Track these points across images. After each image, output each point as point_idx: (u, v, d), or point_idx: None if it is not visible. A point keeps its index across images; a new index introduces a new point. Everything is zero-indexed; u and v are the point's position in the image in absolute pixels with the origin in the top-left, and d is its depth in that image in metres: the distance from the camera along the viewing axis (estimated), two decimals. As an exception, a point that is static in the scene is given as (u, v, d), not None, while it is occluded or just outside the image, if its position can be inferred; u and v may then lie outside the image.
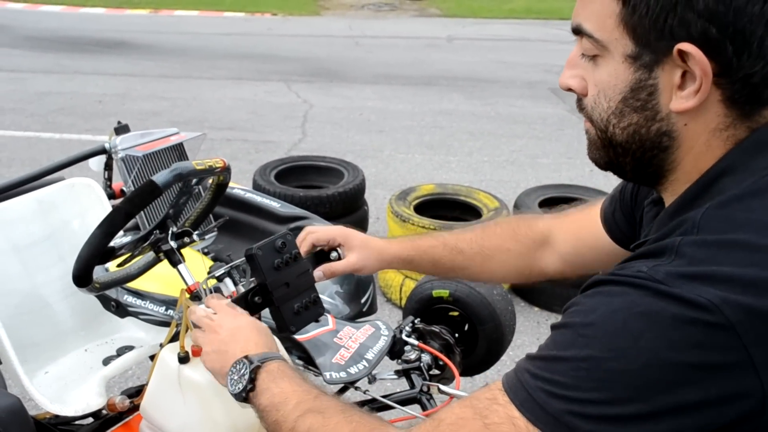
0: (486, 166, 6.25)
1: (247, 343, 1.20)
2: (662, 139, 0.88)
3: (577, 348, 0.80)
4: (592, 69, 0.91)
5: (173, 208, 1.56)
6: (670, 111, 0.85)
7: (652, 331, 0.75)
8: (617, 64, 0.87)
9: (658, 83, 0.85)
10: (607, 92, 0.90)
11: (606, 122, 0.91)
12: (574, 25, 0.92)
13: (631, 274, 0.80)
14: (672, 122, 0.86)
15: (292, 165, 4.53)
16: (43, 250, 2.08)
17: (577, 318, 0.82)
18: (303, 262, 1.40)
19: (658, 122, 0.87)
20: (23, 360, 1.87)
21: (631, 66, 0.86)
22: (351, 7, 16.23)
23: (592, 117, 0.94)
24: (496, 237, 1.50)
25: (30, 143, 6.47)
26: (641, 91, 0.86)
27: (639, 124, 0.88)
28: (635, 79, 0.86)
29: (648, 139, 0.89)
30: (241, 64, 10.00)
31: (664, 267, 0.79)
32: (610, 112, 0.90)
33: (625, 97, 0.88)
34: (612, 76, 0.88)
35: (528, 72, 9.87)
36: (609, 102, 0.89)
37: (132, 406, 1.83)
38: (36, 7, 14.72)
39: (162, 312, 2.02)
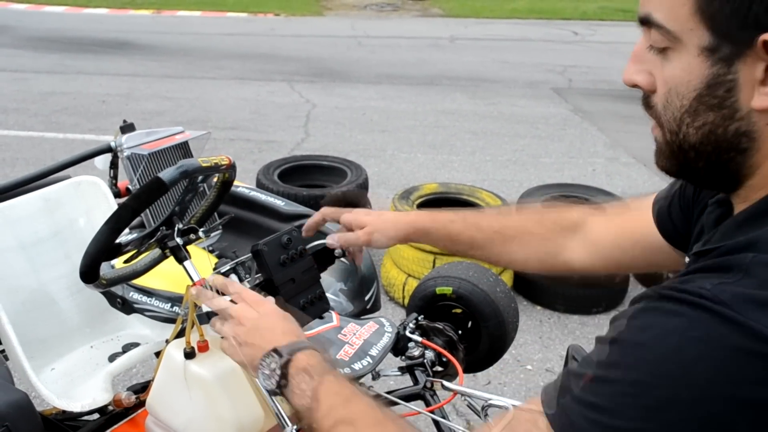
0: (489, 166, 6.26)
1: (273, 334, 1.15)
2: (741, 140, 0.79)
3: (624, 370, 0.73)
4: (661, 63, 0.82)
5: (179, 205, 1.57)
6: (751, 109, 0.77)
7: (709, 360, 0.68)
8: (691, 58, 0.78)
9: (738, 78, 0.76)
10: (679, 89, 0.81)
11: (679, 122, 0.82)
12: (642, 14, 0.82)
13: (692, 291, 0.72)
14: (752, 121, 0.78)
15: (296, 164, 4.54)
16: (49, 248, 2.09)
17: (628, 335, 0.75)
18: (308, 259, 1.41)
19: (737, 121, 0.78)
20: (30, 356, 1.88)
21: (707, 59, 0.77)
22: (354, 7, 16.24)
23: (662, 117, 0.84)
24: (520, 218, 1.43)
25: (34, 143, 6.49)
26: (719, 87, 0.77)
27: (715, 124, 0.79)
28: (712, 73, 0.77)
29: (725, 140, 0.80)
30: (244, 64, 10.02)
31: (730, 287, 0.71)
32: (684, 110, 0.81)
33: (700, 94, 0.79)
34: (685, 71, 0.79)
35: (530, 72, 9.88)
36: (682, 100, 0.81)
37: (138, 401, 1.84)
38: (39, 7, 14.76)
39: (168, 309, 2.03)
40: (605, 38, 12.92)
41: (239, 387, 1.54)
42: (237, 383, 1.54)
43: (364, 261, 2.29)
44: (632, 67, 0.87)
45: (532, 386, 3.35)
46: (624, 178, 5.96)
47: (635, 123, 7.28)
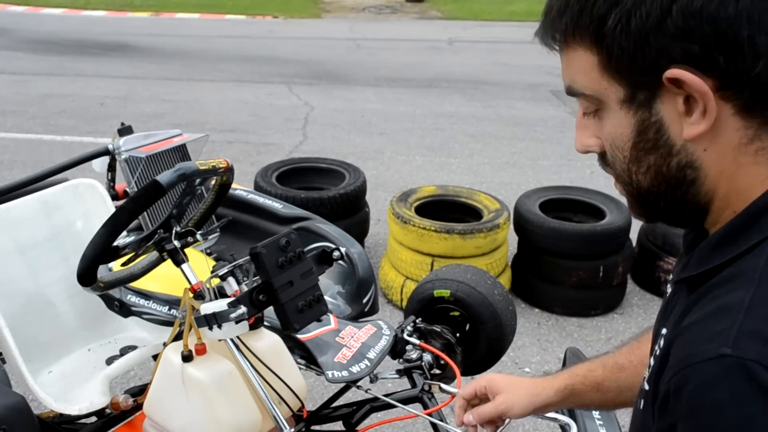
0: (487, 168, 6.26)
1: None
2: (685, 172, 0.82)
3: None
4: (598, 125, 0.88)
5: (177, 208, 1.57)
6: (684, 141, 0.80)
7: None
8: (616, 112, 0.83)
9: (662, 117, 0.80)
10: (617, 143, 0.85)
11: (628, 172, 0.86)
12: (566, 86, 0.89)
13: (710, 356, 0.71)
14: (690, 152, 0.80)
15: (294, 167, 4.54)
16: (47, 251, 2.09)
17: None
18: (306, 261, 1.42)
19: (675, 156, 0.81)
20: (28, 359, 1.88)
21: (629, 109, 0.82)
22: (352, 10, 16.25)
23: (616, 173, 0.89)
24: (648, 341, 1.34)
25: (32, 145, 6.48)
26: (648, 131, 0.81)
27: (658, 164, 0.83)
28: (638, 120, 0.82)
29: (672, 176, 0.83)
30: (242, 66, 10.02)
31: (748, 341, 0.70)
32: (628, 161, 0.85)
33: (635, 142, 0.83)
34: (616, 126, 0.84)
35: (529, 74, 9.89)
36: (623, 152, 0.85)
37: (135, 404, 1.84)
38: (38, 9, 14.75)
39: (165, 311, 2.03)
40: (603, 41, 12.90)
41: (237, 390, 1.54)
42: (234, 386, 1.54)
43: (362, 263, 2.29)
44: (580, 135, 0.92)
45: (531, 389, 3.34)
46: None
47: (633, 125, 7.28)
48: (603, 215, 4.05)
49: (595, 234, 3.83)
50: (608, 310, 4.01)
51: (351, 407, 1.95)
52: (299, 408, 1.70)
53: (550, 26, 0.89)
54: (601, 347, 3.69)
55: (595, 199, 4.26)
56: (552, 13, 0.88)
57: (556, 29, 0.87)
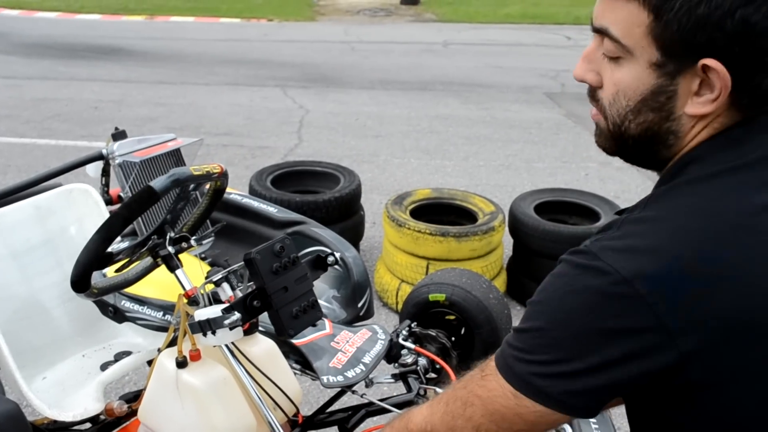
0: (482, 171, 6.26)
1: None
2: (669, 137, 0.97)
3: (533, 321, 0.98)
4: (611, 68, 0.98)
5: (171, 213, 1.57)
6: (683, 113, 0.94)
7: (582, 305, 0.91)
8: (641, 69, 0.94)
9: (677, 89, 0.93)
10: (627, 92, 0.96)
11: (623, 118, 0.98)
12: (598, 25, 0.97)
13: (576, 250, 0.96)
14: (682, 123, 0.95)
15: (289, 170, 4.53)
16: (40, 256, 2.09)
17: (536, 296, 0.99)
18: (301, 267, 1.41)
19: (670, 122, 0.95)
20: (21, 365, 1.87)
21: (654, 72, 0.93)
22: (347, 13, 16.26)
23: (606, 111, 1.01)
24: None
25: (26, 150, 6.47)
26: (661, 95, 0.94)
27: (653, 122, 0.96)
28: (657, 84, 0.93)
29: (658, 135, 0.97)
30: (237, 69, 10.01)
31: (603, 241, 0.94)
32: (629, 109, 0.97)
33: (645, 99, 0.95)
34: (634, 79, 0.95)
35: (523, 77, 9.90)
36: (628, 101, 0.97)
37: (130, 411, 1.84)
38: (31, 13, 14.73)
39: (160, 317, 2.02)
40: (598, 43, 12.92)
41: (232, 396, 1.53)
42: (229, 392, 1.53)
43: (357, 267, 2.28)
44: (583, 66, 1.02)
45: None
46: (617, 183, 5.97)
47: (628, 127, 7.28)
48: (598, 217, 4.05)
49: (590, 236, 3.82)
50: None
51: (346, 412, 1.95)
52: (294, 413, 1.69)
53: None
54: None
55: (590, 202, 4.26)
56: None
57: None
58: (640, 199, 0.99)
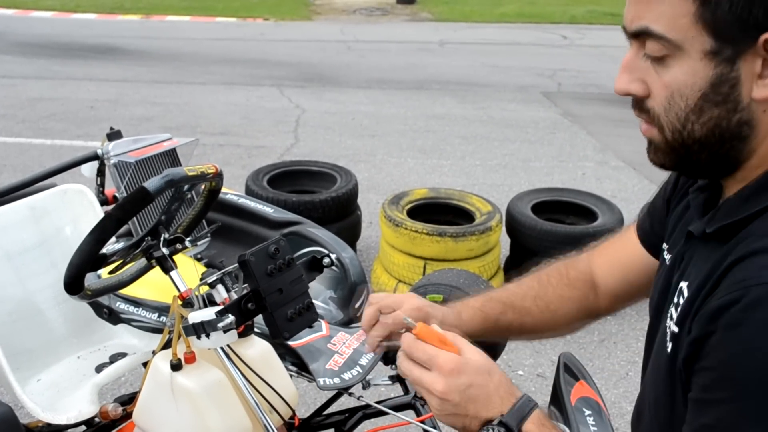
0: (478, 170, 6.25)
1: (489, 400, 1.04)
2: (743, 128, 0.87)
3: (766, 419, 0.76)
4: (657, 70, 0.89)
5: (165, 214, 1.56)
6: (752, 99, 0.84)
7: None
8: (694, 62, 0.85)
9: (740, 74, 0.84)
10: (683, 91, 0.87)
11: (684, 121, 0.88)
12: (636, 28, 0.88)
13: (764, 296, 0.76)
14: (752, 110, 0.85)
15: (285, 170, 4.53)
16: (35, 257, 2.07)
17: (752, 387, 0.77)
18: (296, 268, 1.40)
19: (739, 112, 0.86)
20: (15, 367, 1.86)
21: (711, 62, 0.84)
22: (343, 12, 16.25)
23: (662, 119, 0.91)
24: (554, 288, 1.41)
25: (22, 149, 6.45)
26: (723, 85, 0.85)
27: (720, 117, 0.86)
28: (716, 74, 0.84)
29: (729, 130, 0.87)
30: (233, 69, 10.00)
31: None
32: (689, 110, 0.87)
33: (705, 93, 0.86)
34: (689, 75, 0.86)
35: (520, 76, 9.90)
36: (687, 101, 0.87)
37: (125, 413, 1.82)
38: (27, 12, 14.69)
39: (155, 319, 2.01)
40: (594, 42, 12.95)
41: (227, 399, 1.52)
42: (224, 395, 1.52)
43: (354, 268, 2.27)
44: (625, 77, 0.92)
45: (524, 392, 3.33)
46: (614, 182, 5.96)
47: (625, 126, 7.29)
48: (595, 217, 4.05)
49: (587, 236, 3.82)
50: (601, 313, 4.00)
51: (343, 414, 1.93)
52: (290, 416, 1.68)
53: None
54: (594, 349, 3.68)
55: (587, 201, 4.26)
56: None
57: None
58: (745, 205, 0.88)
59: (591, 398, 1.73)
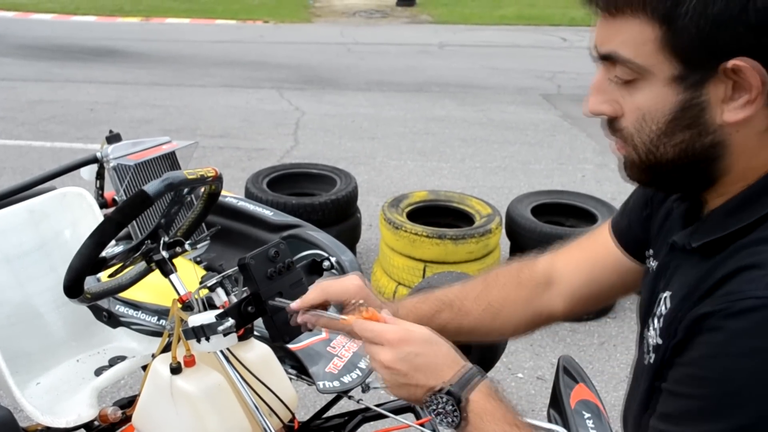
0: (478, 173, 6.25)
1: (437, 369, 1.04)
2: (714, 150, 0.87)
3: (732, 419, 0.78)
4: (628, 93, 0.89)
5: (165, 217, 1.56)
6: (722, 123, 0.85)
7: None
8: (661, 87, 0.86)
9: (708, 99, 0.84)
10: (652, 115, 0.88)
11: (656, 143, 0.89)
12: (604, 52, 0.90)
13: (749, 308, 0.78)
14: (723, 132, 0.86)
15: (285, 172, 4.53)
16: (34, 260, 2.07)
17: (714, 388, 0.80)
18: (296, 272, 1.40)
19: (710, 135, 0.86)
20: (14, 371, 1.86)
21: (677, 87, 0.85)
22: (342, 14, 16.26)
23: (634, 139, 0.91)
24: (500, 288, 1.38)
25: (21, 152, 6.45)
26: (691, 109, 0.85)
27: (690, 140, 0.87)
28: (684, 99, 0.85)
29: (700, 152, 0.88)
30: (233, 71, 10.00)
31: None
32: (660, 133, 0.88)
33: (675, 117, 0.86)
34: (657, 99, 0.87)
35: (519, 78, 9.90)
36: (657, 123, 0.88)
37: (124, 417, 1.82)
38: (27, 15, 14.70)
39: (154, 322, 2.01)
40: (594, 44, 12.93)
41: (227, 402, 1.52)
42: (224, 398, 1.52)
43: (354, 270, 2.27)
44: (596, 98, 0.93)
45: (524, 394, 3.34)
46: (613, 184, 5.96)
47: (624, 129, 7.28)
48: (595, 219, 4.05)
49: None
50: (601, 315, 4.01)
51: (343, 417, 1.94)
52: (290, 419, 1.68)
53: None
54: (594, 352, 3.68)
55: (587, 203, 4.26)
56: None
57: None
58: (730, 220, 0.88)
59: (590, 401, 1.74)
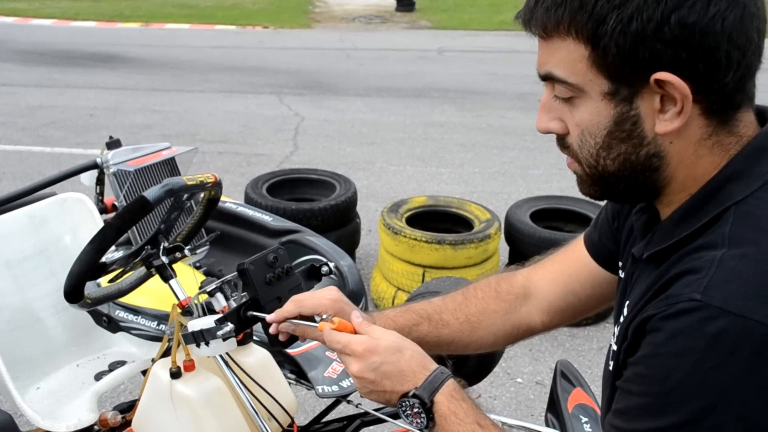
0: (477, 178, 6.27)
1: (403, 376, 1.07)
2: (652, 161, 0.91)
3: (672, 416, 0.82)
4: (569, 110, 0.94)
5: (165, 223, 1.57)
6: (656, 134, 0.89)
7: (736, 375, 0.78)
8: (596, 103, 0.90)
9: (639, 112, 0.88)
10: (591, 129, 0.92)
11: (596, 157, 0.94)
12: (543, 73, 0.94)
13: (681, 310, 0.82)
14: (659, 143, 0.90)
15: (284, 178, 4.54)
16: (34, 266, 2.08)
17: (656, 386, 0.84)
18: (295, 277, 1.41)
19: (646, 146, 0.90)
20: (15, 376, 1.86)
21: (610, 102, 0.89)
22: (342, 20, 16.28)
23: (579, 155, 0.97)
24: (478, 301, 1.40)
25: (21, 157, 6.46)
26: (625, 122, 0.89)
27: (628, 152, 0.91)
28: (617, 113, 0.89)
29: (639, 163, 0.92)
30: (232, 76, 10.02)
31: (715, 288, 0.81)
32: (599, 147, 0.93)
33: (611, 131, 0.91)
34: (593, 114, 0.91)
35: (518, 83, 9.91)
36: (595, 138, 0.93)
37: (124, 421, 1.83)
38: (27, 20, 14.72)
39: (154, 327, 2.02)
40: (593, 50, 12.96)
41: (226, 406, 1.53)
42: (224, 402, 1.53)
43: (352, 276, 2.28)
44: (543, 117, 0.99)
45: (523, 399, 3.34)
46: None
47: (623, 134, 7.29)
48: (593, 225, 4.05)
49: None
50: (599, 320, 4.01)
51: (341, 422, 1.94)
52: (289, 423, 1.69)
53: (543, 15, 0.91)
54: (593, 357, 3.69)
55: (586, 209, 4.27)
56: (546, 2, 0.91)
57: (549, 19, 0.90)
58: (676, 229, 0.92)
59: (588, 405, 1.74)
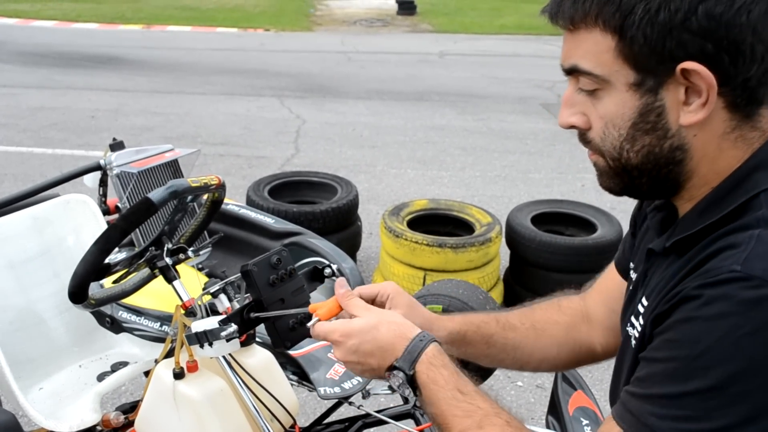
0: (478, 181, 6.27)
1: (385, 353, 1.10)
2: (675, 153, 0.92)
3: (698, 380, 0.81)
4: (593, 103, 0.95)
5: (168, 224, 1.58)
6: (680, 126, 0.90)
7: (765, 348, 0.78)
8: (621, 94, 0.91)
9: (665, 103, 0.89)
10: (615, 122, 0.93)
11: (619, 149, 0.94)
12: (568, 66, 0.95)
13: (723, 280, 0.82)
14: (683, 136, 0.91)
15: (286, 180, 4.54)
16: (37, 267, 2.09)
17: (684, 350, 0.84)
18: (298, 279, 1.41)
19: (669, 139, 0.91)
20: (18, 376, 1.87)
21: (636, 93, 0.90)
22: (343, 23, 16.31)
23: (602, 148, 0.97)
24: (542, 311, 1.41)
25: (23, 159, 6.47)
26: (650, 113, 0.90)
27: (652, 144, 0.92)
28: (642, 104, 0.90)
29: (662, 156, 0.93)
30: (233, 79, 10.03)
31: (756, 260, 0.81)
32: (622, 139, 0.93)
33: (635, 123, 0.92)
34: (618, 106, 0.92)
35: (519, 87, 9.93)
36: (619, 130, 0.93)
37: (127, 422, 1.83)
38: (28, 22, 14.74)
39: (157, 328, 2.02)
40: (593, 54, 12.96)
41: (228, 407, 1.53)
42: (226, 403, 1.53)
43: (354, 278, 2.28)
44: (566, 111, 0.99)
45: (523, 402, 3.35)
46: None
47: (624, 138, 7.30)
48: (594, 229, 4.06)
49: (586, 247, 3.83)
50: (600, 324, 4.01)
51: (343, 423, 1.95)
52: (291, 424, 1.69)
53: (570, 7, 0.92)
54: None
55: (587, 213, 4.27)
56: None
57: (576, 11, 0.91)
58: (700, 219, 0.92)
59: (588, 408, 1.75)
